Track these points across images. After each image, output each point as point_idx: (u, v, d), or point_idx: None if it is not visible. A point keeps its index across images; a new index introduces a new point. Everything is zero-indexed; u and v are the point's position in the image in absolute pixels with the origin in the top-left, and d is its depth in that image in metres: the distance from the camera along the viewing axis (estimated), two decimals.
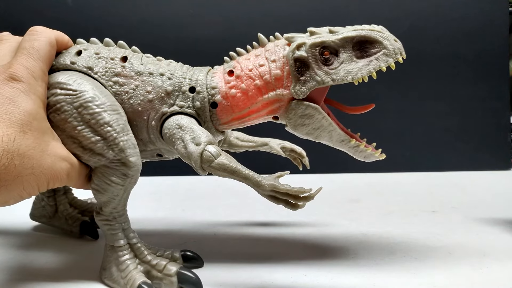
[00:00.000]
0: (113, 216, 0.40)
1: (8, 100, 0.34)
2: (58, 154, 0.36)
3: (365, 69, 0.39)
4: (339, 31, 0.39)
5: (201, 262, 0.44)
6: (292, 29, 0.47)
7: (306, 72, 0.39)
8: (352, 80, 0.39)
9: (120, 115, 0.39)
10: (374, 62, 0.39)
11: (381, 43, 0.38)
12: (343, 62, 0.39)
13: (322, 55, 0.39)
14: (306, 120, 0.40)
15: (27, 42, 0.38)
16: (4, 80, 0.35)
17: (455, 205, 0.67)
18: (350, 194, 0.76)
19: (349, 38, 0.39)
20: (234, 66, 0.42)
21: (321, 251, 0.48)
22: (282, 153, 0.56)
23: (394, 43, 0.39)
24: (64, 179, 0.37)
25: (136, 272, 0.39)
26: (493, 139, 0.96)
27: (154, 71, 0.41)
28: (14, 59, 0.37)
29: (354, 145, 0.41)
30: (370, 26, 0.39)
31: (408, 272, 0.42)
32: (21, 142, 0.33)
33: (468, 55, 0.95)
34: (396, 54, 0.39)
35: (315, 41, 0.39)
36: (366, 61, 0.39)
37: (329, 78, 0.39)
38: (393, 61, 0.38)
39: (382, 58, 0.38)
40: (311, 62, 0.39)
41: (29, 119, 0.35)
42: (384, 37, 0.39)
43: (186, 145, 0.39)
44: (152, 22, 0.93)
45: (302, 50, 0.39)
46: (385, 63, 0.38)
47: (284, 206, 0.38)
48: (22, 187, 0.33)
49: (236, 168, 0.38)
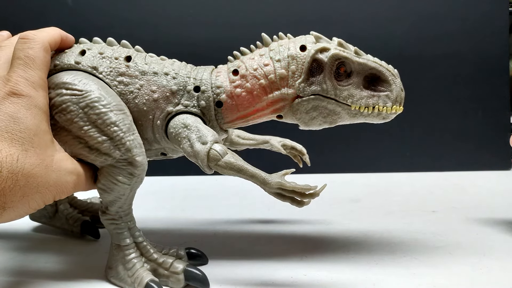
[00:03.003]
0: (119, 215, 0.40)
1: (8, 117, 0.34)
2: (63, 169, 0.36)
3: (365, 100, 0.41)
4: (363, 56, 0.41)
5: (205, 259, 0.45)
6: (292, 29, 0.47)
7: (317, 75, 0.40)
8: (351, 104, 0.41)
9: (126, 115, 0.39)
10: (376, 99, 0.41)
11: (390, 86, 0.41)
12: (351, 85, 0.41)
13: (338, 69, 0.40)
14: (313, 113, 0.41)
15: (21, 51, 0.37)
16: (5, 95, 0.34)
17: (455, 205, 0.68)
18: (350, 194, 0.76)
19: (368, 66, 0.40)
20: (239, 65, 0.42)
21: (321, 251, 0.48)
22: (283, 150, 0.56)
23: (400, 92, 0.41)
24: (70, 191, 0.37)
25: (143, 270, 0.39)
26: (493, 139, 0.96)
27: (159, 71, 0.42)
28: (11, 71, 0.36)
29: (368, 112, 0.41)
30: (389, 66, 0.41)
31: (408, 272, 0.42)
32: (24, 161, 0.33)
33: (468, 55, 0.95)
34: (397, 102, 0.41)
35: (341, 54, 0.40)
36: (369, 94, 0.41)
37: (333, 91, 0.40)
38: (390, 107, 0.41)
39: (384, 99, 0.41)
40: (327, 69, 0.40)
41: (31, 136, 0.34)
42: (395, 83, 0.41)
43: (193, 144, 0.39)
44: (152, 22, 0.93)
45: (325, 54, 0.40)
46: (383, 105, 0.41)
47: (290, 203, 0.39)
48: (28, 206, 0.33)
49: (243, 166, 0.38)
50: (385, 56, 0.47)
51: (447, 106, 0.96)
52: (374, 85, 0.41)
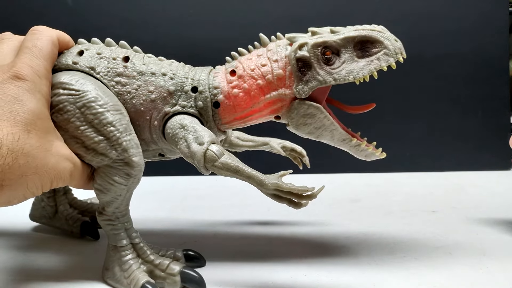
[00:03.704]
0: (116, 216, 0.40)
1: (12, 98, 0.34)
2: (61, 154, 0.36)
3: (366, 68, 0.39)
4: (341, 31, 0.40)
5: (203, 261, 0.44)
6: (292, 29, 0.47)
7: (308, 71, 0.40)
8: (354, 79, 0.39)
9: (123, 115, 0.39)
10: (375, 61, 0.39)
11: (382, 43, 0.39)
12: (345, 62, 0.39)
13: (324, 55, 0.39)
14: (308, 119, 0.41)
15: (30, 41, 0.38)
16: (9, 78, 0.35)
17: (455, 205, 0.67)
18: (350, 194, 0.76)
19: (350, 38, 0.39)
20: (236, 66, 0.42)
21: (321, 251, 0.48)
22: (283, 152, 0.56)
23: (395, 42, 0.39)
24: (67, 178, 0.37)
25: (139, 271, 0.39)
26: (493, 139, 0.96)
27: (156, 71, 0.42)
28: (17, 58, 0.37)
29: (355, 144, 0.42)
30: (371, 26, 0.40)
31: (408, 272, 0.42)
32: (25, 141, 0.33)
33: (468, 55, 0.95)
34: (397, 53, 0.39)
35: (317, 41, 0.39)
36: (367, 61, 0.39)
37: (331, 77, 0.39)
38: (393, 61, 0.39)
39: (383, 57, 0.39)
40: (313, 61, 0.39)
41: (34, 118, 0.35)
42: (385, 37, 0.39)
43: (189, 145, 0.39)
44: (152, 22, 0.93)
45: (304, 50, 0.39)
46: (386, 63, 0.39)
47: (287, 204, 0.38)
48: (26, 187, 0.33)
49: (240, 168, 0.38)
50: None
51: (447, 106, 0.96)
52: (367, 51, 0.40)
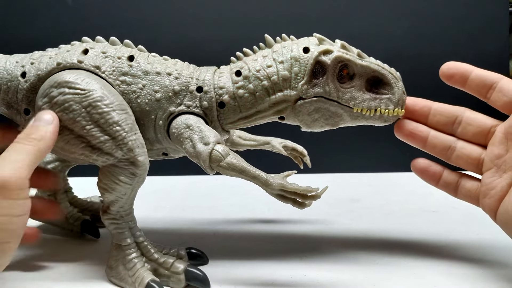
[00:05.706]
0: (120, 215, 0.40)
1: None
2: None
3: (368, 103, 0.41)
4: (365, 58, 0.41)
5: (206, 259, 0.45)
6: (292, 29, 0.47)
7: (320, 77, 0.40)
8: (353, 106, 0.41)
9: (128, 115, 0.39)
10: (378, 101, 0.41)
11: (392, 89, 0.41)
12: (353, 87, 0.41)
13: (341, 71, 0.40)
14: (315, 114, 0.41)
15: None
16: None
17: (455, 205, 0.67)
18: (350, 194, 0.77)
19: (370, 69, 0.41)
20: (242, 66, 0.42)
21: (321, 251, 0.48)
22: (284, 152, 0.56)
23: (402, 95, 0.41)
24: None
25: (144, 270, 0.39)
26: None
27: (161, 71, 0.42)
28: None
29: (370, 115, 0.41)
30: (391, 69, 0.41)
31: (408, 272, 0.42)
32: None
33: (468, 55, 0.95)
34: (399, 105, 0.41)
35: (344, 56, 0.40)
36: (372, 97, 0.41)
37: (336, 94, 0.40)
38: (392, 110, 0.41)
39: (386, 101, 0.41)
40: (329, 71, 0.40)
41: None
42: (397, 85, 0.41)
43: (195, 145, 0.39)
44: (152, 22, 0.93)
45: (328, 56, 0.40)
46: (385, 107, 0.41)
47: (292, 204, 0.39)
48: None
49: (245, 168, 0.38)
50: (385, 56, 0.47)
51: None
52: (377, 88, 0.41)
